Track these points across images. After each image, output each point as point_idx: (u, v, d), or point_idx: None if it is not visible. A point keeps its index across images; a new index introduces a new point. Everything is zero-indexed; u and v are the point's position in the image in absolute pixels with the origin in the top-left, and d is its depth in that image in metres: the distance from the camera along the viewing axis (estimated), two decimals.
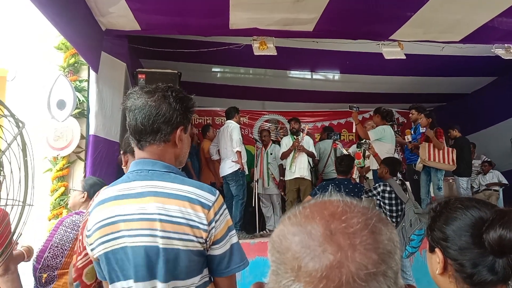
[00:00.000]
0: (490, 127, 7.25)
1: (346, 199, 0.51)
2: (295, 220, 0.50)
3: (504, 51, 4.84)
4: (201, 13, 3.90)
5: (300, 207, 0.52)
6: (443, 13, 4.00)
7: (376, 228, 0.47)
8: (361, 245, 0.45)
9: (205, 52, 5.13)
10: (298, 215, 0.50)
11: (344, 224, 0.46)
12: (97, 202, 1.20)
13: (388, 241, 0.47)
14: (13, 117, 1.45)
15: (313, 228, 0.47)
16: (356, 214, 0.48)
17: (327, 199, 0.52)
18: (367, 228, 0.46)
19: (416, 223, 3.59)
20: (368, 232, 0.46)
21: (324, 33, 4.48)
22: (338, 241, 0.45)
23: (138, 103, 1.18)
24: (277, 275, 0.48)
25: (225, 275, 1.18)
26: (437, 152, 5.01)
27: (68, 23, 3.28)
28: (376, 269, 0.44)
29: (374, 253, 0.45)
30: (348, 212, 0.48)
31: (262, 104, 8.28)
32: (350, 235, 0.45)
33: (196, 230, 1.10)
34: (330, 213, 0.48)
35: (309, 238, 0.46)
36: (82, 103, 4.07)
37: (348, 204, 0.49)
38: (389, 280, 0.45)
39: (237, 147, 5.04)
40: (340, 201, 0.50)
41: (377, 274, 0.44)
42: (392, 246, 0.47)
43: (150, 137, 1.18)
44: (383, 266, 0.45)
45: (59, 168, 3.92)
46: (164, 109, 1.17)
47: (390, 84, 7.01)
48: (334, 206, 0.49)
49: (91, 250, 1.20)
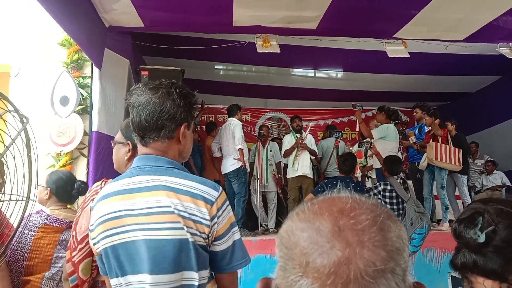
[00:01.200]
0: (494, 127, 7.22)
1: (355, 195, 0.50)
2: (303, 216, 0.50)
3: (509, 50, 4.82)
4: (204, 10, 3.90)
5: (309, 203, 0.52)
6: (447, 12, 3.98)
7: (385, 225, 0.47)
8: (369, 241, 0.45)
9: (208, 49, 5.13)
10: (307, 211, 0.50)
11: (352, 220, 0.46)
12: (100, 197, 1.20)
13: (397, 238, 0.47)
14: (17, 113, 1.46)
15: (322, 224, 0.47)
16: (365, 211, 0.48)
17: (335, 195, 0.51)
18: (376, 225, 0.46)
19: (417, 221, 3.58)
20: (376, 229, 0.46)
21: (328, 31, 4.47)
22: (347, 237, 0.45)
23: (142, 99, 1.17)
24: (285, 270, 0.48)
25: (227, 271, 1.18)
26: (444, 152, 4.99)
27: (71, 19, 3.29)
28: (384, 266, 0.44)
29: (382, 250, 0.45)
30: (357, 209, 0.48)
31: (265, 102, 8.27)
32: (358, 232, 0.45)
33: (199, 225, 1.11)
34: (339, 210, 0.48)
35: (318, 234, 0.46)
36: (85, 99, 4.08)
37: (357, 201, 0.49)
38: (398, 277, 0.45)
39: (239, 144, 5.03)
40: (349, 197, 0.50)
41: (385, 271, 0.44)
42: (401, 243, 0.47)
43: (154, 133, 1.18)
44: (392, 263, 0.45)
45: (62, 165, 3.93)
46: (169, 106, 1.17)
47: (393, 83, 6.99)
48: (342, 202, 0.49)
49: (93, 244, 1.20)
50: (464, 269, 0.91)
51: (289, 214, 0.53)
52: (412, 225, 3.60)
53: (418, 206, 3.75)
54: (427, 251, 4.52)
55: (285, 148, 5.66)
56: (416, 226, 3.57)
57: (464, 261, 0.90)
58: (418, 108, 5.65)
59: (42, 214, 2.18)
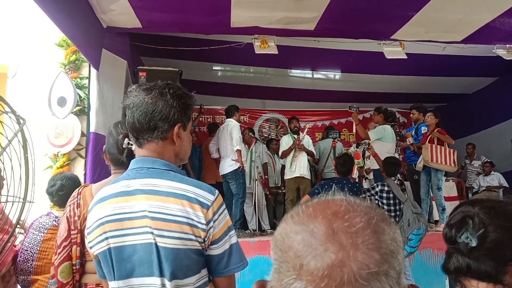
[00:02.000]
0: (491, 128, 7.24)
1: (349, 198, 0.50)
2: (297, 219, 0.50)
3: (506, 51, 4.83)
4: (202, 11, 3.90)
5: (303, 206, 0.52)
6: (445, 13, 3.99)
7: (379, 228, 0.47)
8: (363, 244, 0.45)
9: (206, 50, 5.13)
10: (301, 213, 0.50)
11: (346, 223, 0.46)
12: (97, 199, 1.20)
13: (391, 241, 0.47)
14: (14, 114, 1.45)
15: (316, 227, 0.47)
16: (359, 214, 0.48)
17: (330, 198, 0.52)
18: (370, 227, 0.46)
19: (414, 222, 3.59)
20: (370, 232, 0.46)
21: (326, 32, 4.47)
22: (340, 240, 0.45)
23: (136, 100, 1.17)
24: (279, 273, 0.48)
25: (224, 275, 1.18)
26: (440, 153, 5.00)
27: (68, 20, 3.28)
28: (378, 269, 0.44)
29: (376, 252, 0.45)
30: (351, 211, 0.48)
31: (263, 103, 8.28)
32: (352, 234, 0.45)
33: (195, 229, 1.10)
34: (333, 212, 0.48)
35: (311, 237, 0.46)
36: (83, 100, 4.07)
37: (351, 203, 0.49)
38: (392, 280, 0.45)
39: (237, 145, 5.03)
40: (343, 200, 0.50)
41: (379, 273, 0.44)
42: (395, 246, 0.47)
43: (147, 134, 1.17)
44: (385, 265, 0.45)
45: (60, 166, 3.92)
46: (161, 106, 1.16)
47: (391, 84, 7.01)
48: (337, 205, 0.49)
49: (90, 248, 1.19)
50: (457, 273, 0.91)
51: (284, 216, 0.53)
52: (409, 226, 3.60)
53: (415, 207, 3.76)
54: (425, 252, 4.53)
55: (283, 149, 5.66)
56: (413, 227, 3.58)
57: (458, 265, 0.90)
58: (415, 109, 5.66)
59: (51, 216, 2.25)
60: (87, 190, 1.59)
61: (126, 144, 1.42)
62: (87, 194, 1.57)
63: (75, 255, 1.52)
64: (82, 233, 1.53)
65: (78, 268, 1.54)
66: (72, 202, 1.57)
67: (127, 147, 1.42)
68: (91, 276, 1.54)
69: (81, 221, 1.53)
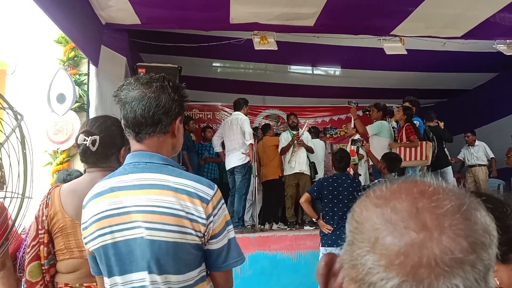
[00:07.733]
0: (491, 123, 7.23)
1: (441, 182, 0.46)
2: (380, 193, 0.47)
3: (506, 47, 4.82)
4: (201, 7, 3.89)
5: (388, 183, 0.48)
6: (445, 8, 3.98)
7: (471, 215, 0.43)
8: (450, 228, 0.41)
9: (205, 46, 5.12)
10: (384, 189, 0.47)
11: (434, 203, 0.43)
12: (93, 194, 1.19)
13: (483, 232, 0.42)
14: (12, 110, 1.45)
15: (398, 202, 0.44)
16: (450, 197, 0.44)
17: (418, 178, 0.48)
18: (460, 212, 0.42)
19: None
20: (460, 217, 0.42)
21: (325, 28, 4.46)
22: (424, 219, 0.41)
23: (135, 94, 1.16)
24: (352, 245, 0.45)
25: (223, 269, 1.18)
26: (408, 150, 4.84)
27: (66, 17, 3.26)
28: (464, 257, 0.40)
29: (464, 239, 0.40)
30: (440, 193, 0.44)
31: (263, 99, 8.27)
32: (439, 216, 0.41)
33: (195, 224, 1.10)
34: (420, 191, 0.44)
35: (392, 212, 0.43)
36: (82, 97, 4.07)
37: (441, 186, 0.45)
38: (478, 273, 0.40)
39: (250, 139, 5.01)
40: (433, 182, 0.46)
41: (464, 262, 0.40)
42: (487, 238, 0.42)
43: (151, 129, 1.17)
44: (473, 255, 0.40)
45: (59, 162, 3.93)
46: (164, 100, 1.16)
47: (391, 80, 6.99)
48: (425, 185, 0.45)
49: (86, 244, 1.18)
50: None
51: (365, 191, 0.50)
52: None
53: None
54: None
55: (282, 146, 5.66)
56: None
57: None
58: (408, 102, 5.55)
59: None
60: (56, 191, 1.58)
61: (82, 141, 1.45)
62: (55, 194, 1.57)
63: (42, 255, 1.52)
64: (49, 233, 1.54)
65: (47, 268, 1.53)
66: (42, 202, 1.58)
67: (82, 143, 1.46)
68: (62, 276, 1.54)
69: (48, 221, 1.53)
